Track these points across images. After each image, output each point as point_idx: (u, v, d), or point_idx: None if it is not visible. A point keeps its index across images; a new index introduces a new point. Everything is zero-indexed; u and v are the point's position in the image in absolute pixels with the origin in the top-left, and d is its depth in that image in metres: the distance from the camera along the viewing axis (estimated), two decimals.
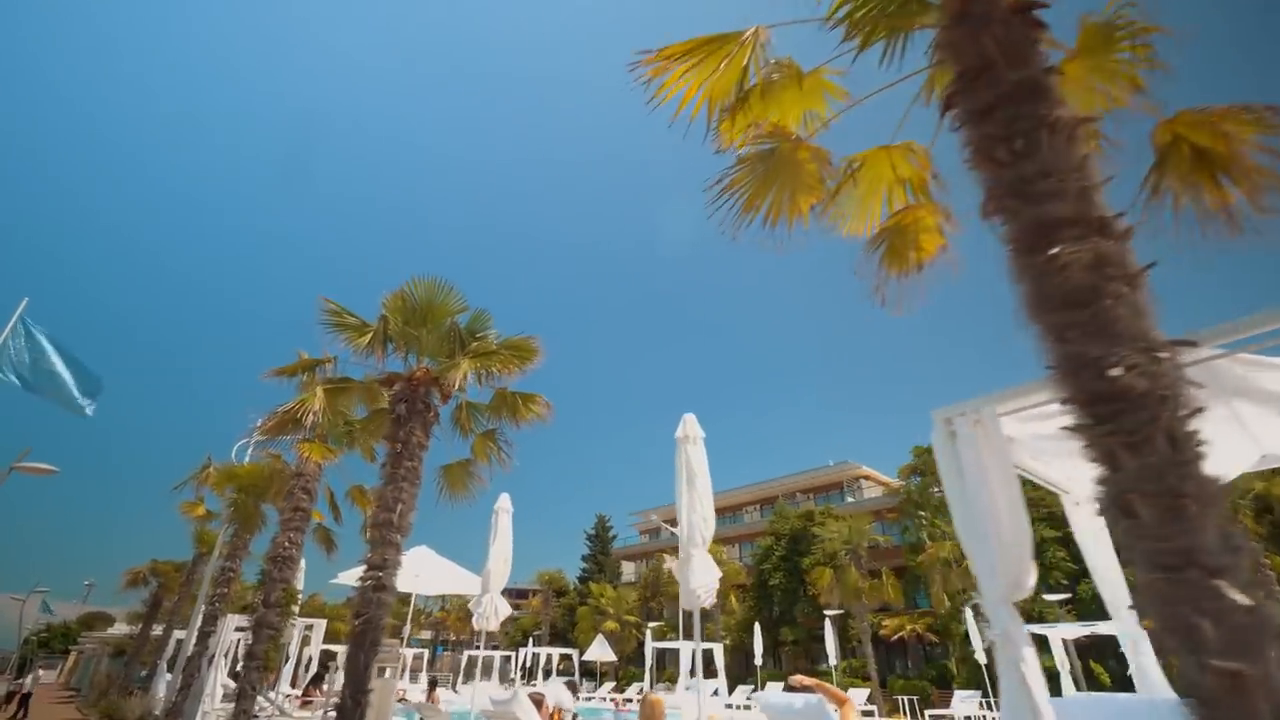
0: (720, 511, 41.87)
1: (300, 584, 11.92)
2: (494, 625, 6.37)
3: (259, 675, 9.14)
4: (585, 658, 28.91)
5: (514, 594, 62.20)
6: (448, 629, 46.01)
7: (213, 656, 14.33)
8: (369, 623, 6.26)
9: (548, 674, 29.32)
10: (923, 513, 30.15)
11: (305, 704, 12.27)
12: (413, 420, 7.36)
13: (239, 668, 9.10)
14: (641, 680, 26.96)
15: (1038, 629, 15.01)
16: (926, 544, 23.53)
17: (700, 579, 4.65)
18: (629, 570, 50.56)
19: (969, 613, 17.45)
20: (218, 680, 13.69)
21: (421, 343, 7.87)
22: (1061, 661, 15.28)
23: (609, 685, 27.69)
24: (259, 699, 9.04)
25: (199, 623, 14.48)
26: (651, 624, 28.33)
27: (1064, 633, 15.47)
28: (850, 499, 41.19)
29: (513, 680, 26.97)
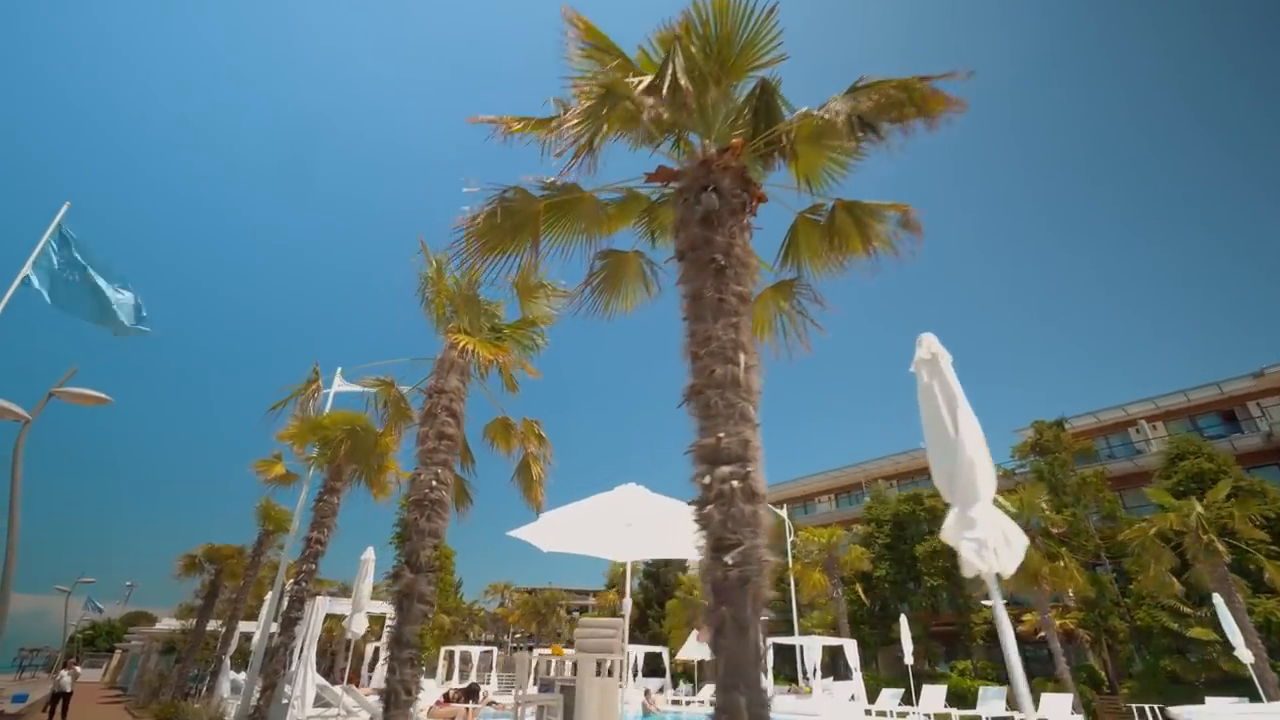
0: (790, 500, 38.32)
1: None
2: (1012, 566, 3.16)
3: (413, 672, 6.06)
4: (680, 656, 25.67)
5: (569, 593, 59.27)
6: (509, 627, 43.07)
7: (300, 649, 11.46)
8: (748, 559, 3.10)
9: (634, 674, 26.14)
10: (1049, 495, 26.25)
11: (440, 714, 9.22)
12: (729, 221, 4.19)
13: (383, 660, 6.04)
14: None
15: None
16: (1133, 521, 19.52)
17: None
18: (691, 565, 47.29)
19: (1218, 600, 13.79)
20: (309, 679, 10.78)
21: (708, 113, 4.70)
22: None
23: (711, 688, 24.31)
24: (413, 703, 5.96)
25: (282, 607, 11.60)
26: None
27: None
28: None
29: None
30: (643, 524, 6.46)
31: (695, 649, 25.33)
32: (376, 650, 28.31)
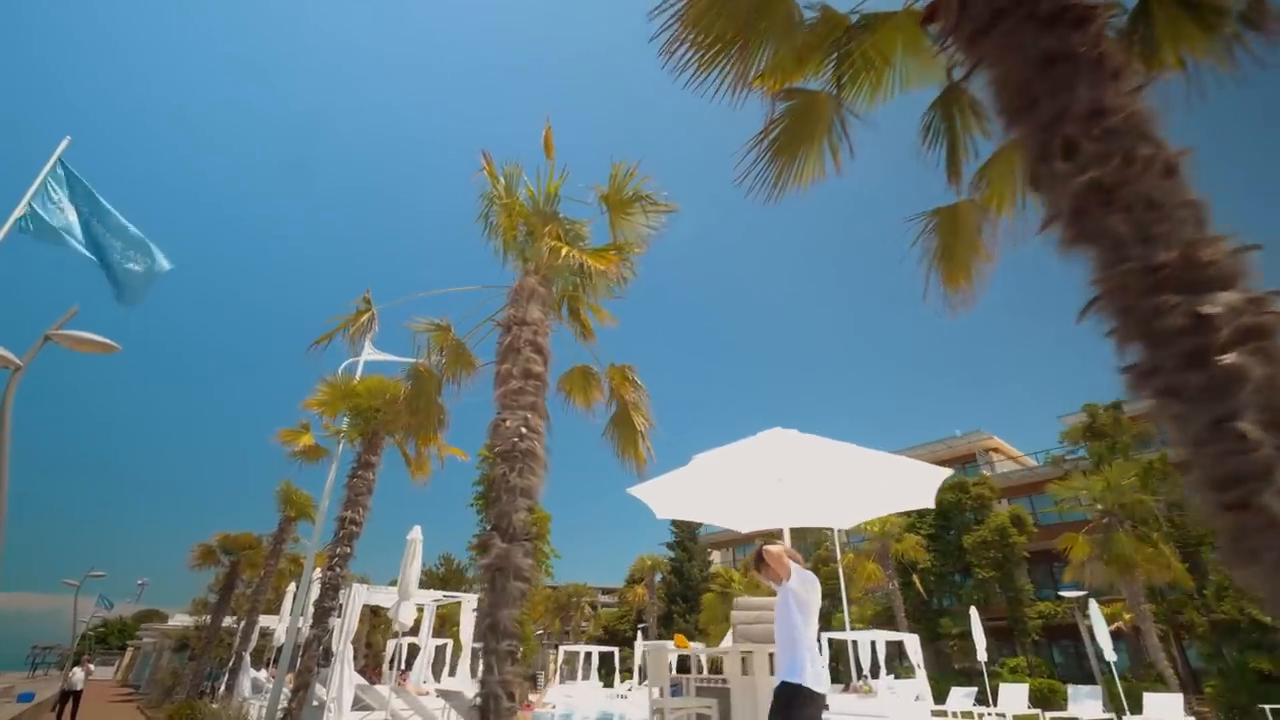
0: None
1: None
2: None
3: (515, 669, 4.59)
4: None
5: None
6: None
7: (326, 646, 10.05)
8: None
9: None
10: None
11: None
12: None
13: (479, 648, 4.58)
14: None
15: None
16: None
17: None
18: (715, 560, 45.94)
19: None
20: (346, 677, 9.36)
21: None
22: None
23: None
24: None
25: (314, 595, 10.20)
26: None
27: None
28: (986, 472, 35.66)
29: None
30: (799, 478, 4.99)
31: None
32: (399, 647, 26.96)
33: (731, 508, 5.41)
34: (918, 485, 4.79)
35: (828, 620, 27.07)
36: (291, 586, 17.76)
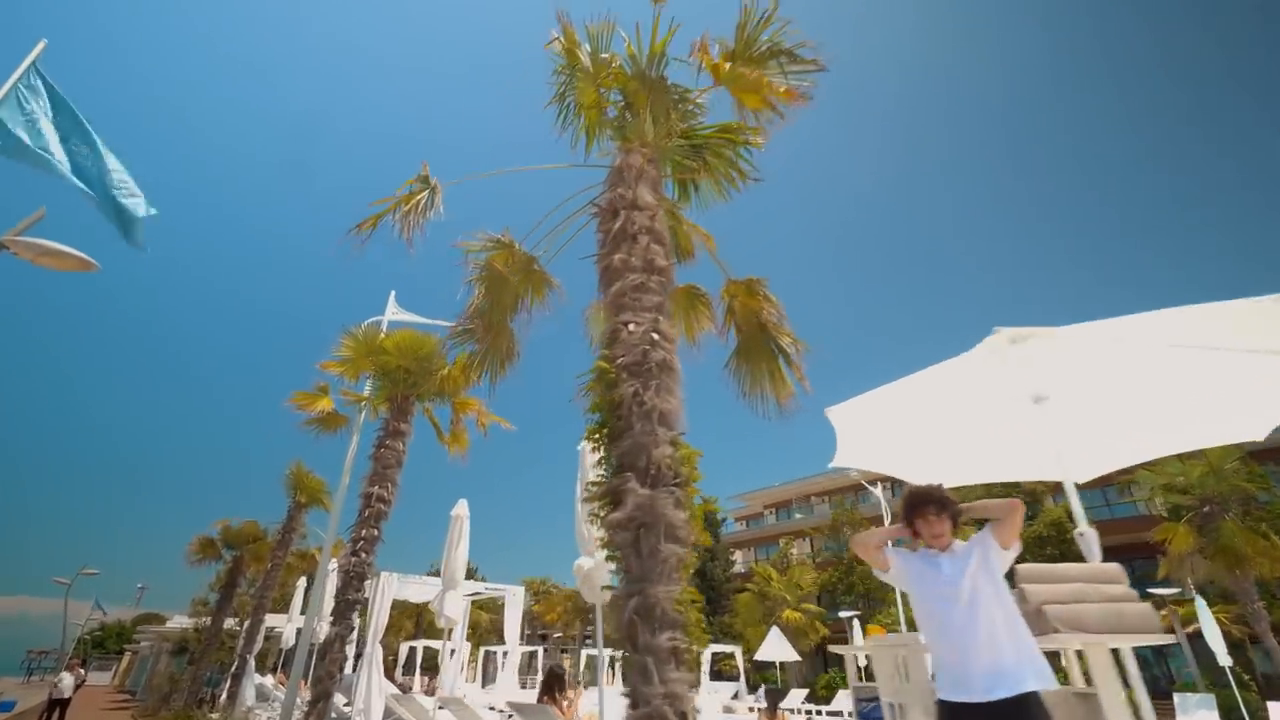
0: (843, 490, 34.38)
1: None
2: None
3: (681, 676, 2.95)
4: (757, 657, 22.45)
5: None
6: (543, 626, 39.86)
7: (346, 648, 8.39)
8: None
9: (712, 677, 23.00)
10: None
11: None
12: None
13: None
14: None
15: None
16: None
17: None
18: (737, 560, 44.20)
19: None
20: (374, 684, 7.71)
21: None
22: None
23: (800, 694, 21.18)
24: None
25: (333, 588, 8.58)
26: (844, 613, 21.71)
27: None
28: None
29: None
30: (1070, 393, 3.36)
31: (777, 648, 22.17)
32: (413, 650, 25.37)
33: (955, 448, 3.77)
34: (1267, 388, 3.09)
35: (867, 619, 25.18)
36: (302, 581, 16.13)
